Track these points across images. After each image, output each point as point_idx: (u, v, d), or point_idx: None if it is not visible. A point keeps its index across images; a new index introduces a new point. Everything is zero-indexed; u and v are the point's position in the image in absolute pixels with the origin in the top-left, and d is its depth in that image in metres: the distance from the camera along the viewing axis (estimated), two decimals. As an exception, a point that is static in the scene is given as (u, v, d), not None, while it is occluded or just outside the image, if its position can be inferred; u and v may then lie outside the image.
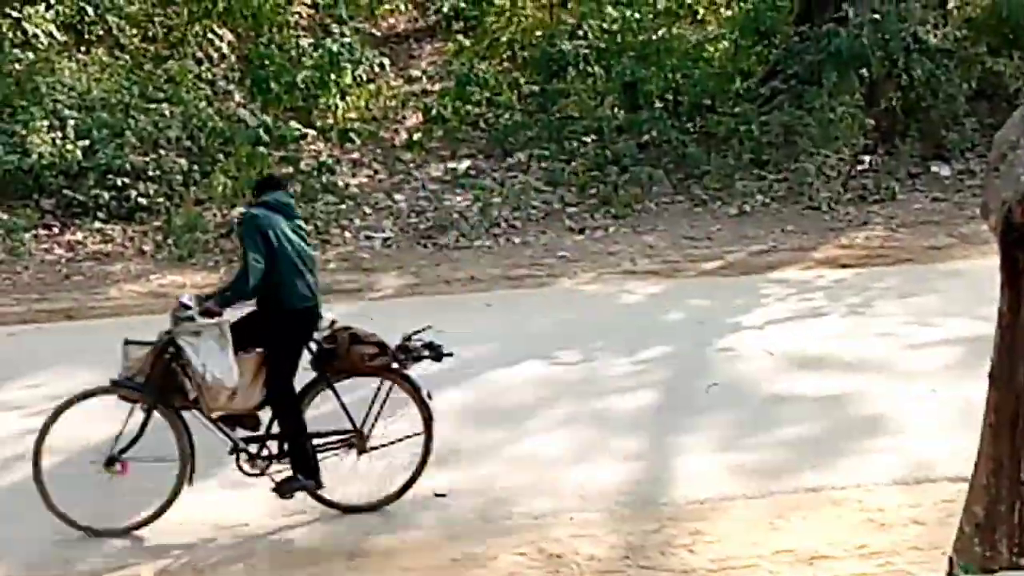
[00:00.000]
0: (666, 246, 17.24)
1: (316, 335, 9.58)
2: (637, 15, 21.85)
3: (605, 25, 21.90)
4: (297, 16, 22.36)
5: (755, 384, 12.26)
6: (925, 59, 20.25)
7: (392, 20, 23.95)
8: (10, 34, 19.05)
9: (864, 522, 9.45)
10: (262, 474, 9.52)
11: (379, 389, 9.69)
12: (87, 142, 17.54)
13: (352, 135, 19.91)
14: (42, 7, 19.79)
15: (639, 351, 12.97)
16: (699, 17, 23.38)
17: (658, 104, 20.70)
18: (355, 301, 14.94)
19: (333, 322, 9.73)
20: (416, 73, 22.25)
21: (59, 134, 17.52)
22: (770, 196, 18.95)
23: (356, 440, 9.70)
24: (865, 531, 9.30)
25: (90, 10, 20.46)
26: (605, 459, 10.65)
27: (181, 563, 8.99)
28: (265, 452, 9.53)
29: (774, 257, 16.74)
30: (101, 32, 20.72)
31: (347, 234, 17.40)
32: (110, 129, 18.01)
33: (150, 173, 17.63)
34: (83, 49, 20.35)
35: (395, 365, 9.63)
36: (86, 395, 9.45)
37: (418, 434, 9.70)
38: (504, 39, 22.46)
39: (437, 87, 21.66)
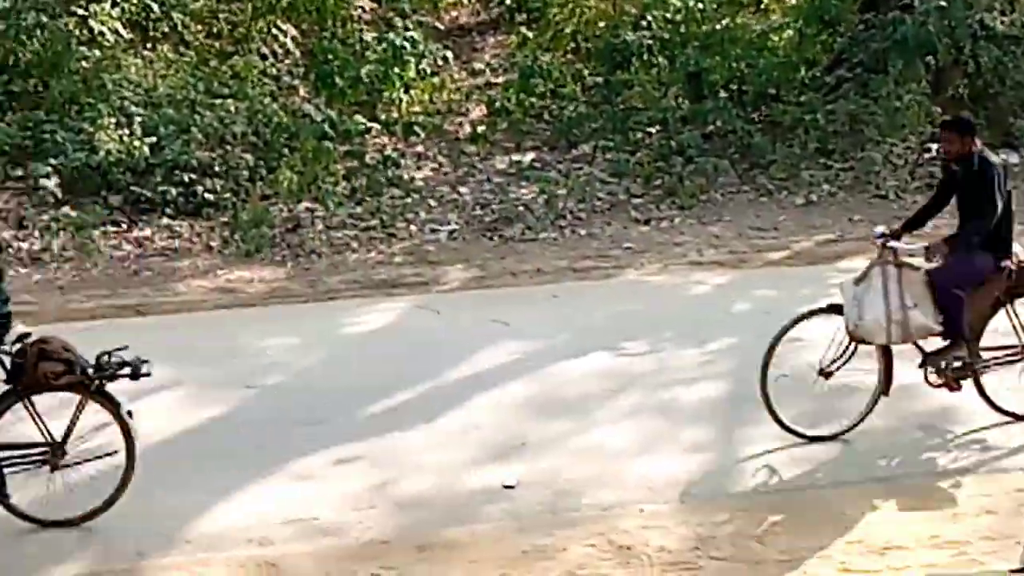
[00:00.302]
0: (732, 236, 17.18)
1: (5, 347, 9.30)
2: (701, 5, 21.79)
3: (669, 15, 21.84)
4: (360, 10, 22.39)
5: (823, 374, 12.20)
6: (992, 46, 20.10)
7: (455, 13, 23.95)
8: (77, 32, 19.15)
9: (936, 512, 9.39)
10: None
11: (77, 406, 9.41)
12: (154, 139, 17.63)
13: (416, 128, 19.92)
14: (108, 5, 19.88)
15: (705, 342, 12.93)
16: (763, 6, 23.26)
17: (723, 94, 20.61)
18: (421, 294, 14.97)
19: (22, 336, 9.36)
20: (480, 66, 22.25)
21: (126, 131, 17.62)
22: (836, 185, 18.87)
23: (50, 455, 9.36)
24: (937, 521, 9.24)
25: (155, 7, 20.56)
26: (673, 450, 10.64)
27: (250, 555, 9.02)
28: None
29: (841, 247, 16.65)
30: (166, 29, 20.80)
31: (412, 227, 17.41)
32: (176, 125, 18.10)
33: (216, 169, 17.72)
34: (149, 46, 20.44)
35: (87, 382, 9.29)
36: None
37: (115, 452, 9.41)
38: (567, 30, 22.41)
39: (501, 79, 21.66)
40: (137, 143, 17.39)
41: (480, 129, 20.23)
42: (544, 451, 10.60)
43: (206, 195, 17.29)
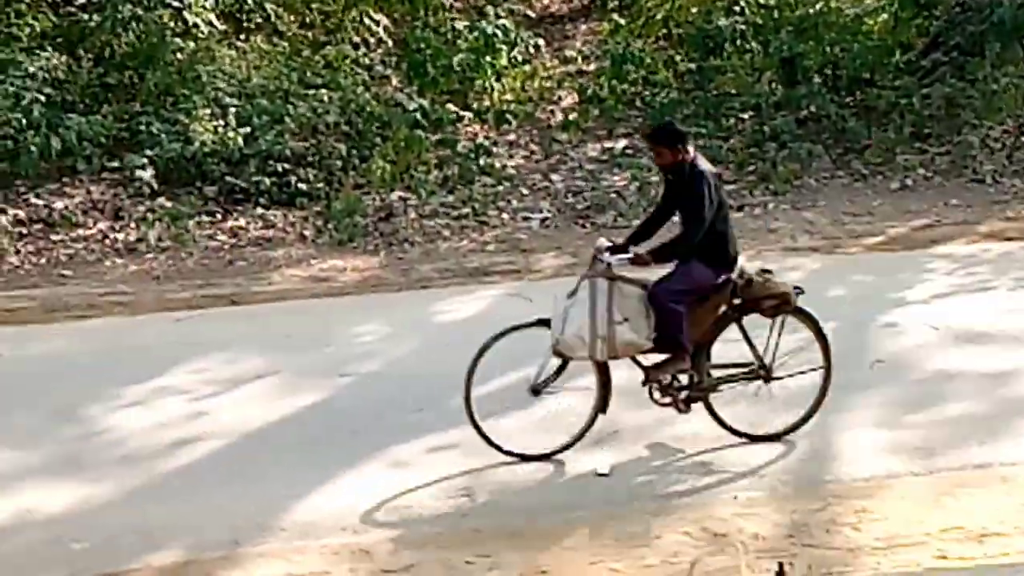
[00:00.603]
0: (826, 222, 17.05)
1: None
2: (794, -11, 21.64)
3: (762, 0, 21.69)
4: (452, -1, 22.46)
5: (920, 360, 12.10)
6: (1091, 25, 19.83)
7: (546, 1, 23.94)
8: (172, 24, 19.31)
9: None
10: None
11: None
12: (248, 129, 17.76)
13: (508, 117, 19.92)
14: (202, -4, 20.09)
15: (799, 329, 12.81)
16: (857, -10, 23.07)
17: (816, 79, 20.46)
18: (513, 282, 14.96)
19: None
20: (571, 53, 22.20)
21: (221, 122, 17.77)
22: (932, 170, 18.67)
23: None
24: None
25: (249, -1, 20.76)
26: (766, 437, 10.58)
27: (345, 543, 9.06)
28: None
29: (937, 231, 16.48)
30: (259, 20, 20.94)
31: (504, 215, 17.42)
32: (270, 116, 18.21)
33: (309, 159, 17.82)
34: (242, 37, 20.59)
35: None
36: None
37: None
38: (659, 17, 22.32)
39: (592, 67, 21.60)
40: (231, 134, 17.54)
41: (572, 117, 20.20)
42: (637, 438, 10.57)
43: (299, 185, 17.38)
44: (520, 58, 20.90)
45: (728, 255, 10.20)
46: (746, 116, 19.87)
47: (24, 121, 17.06)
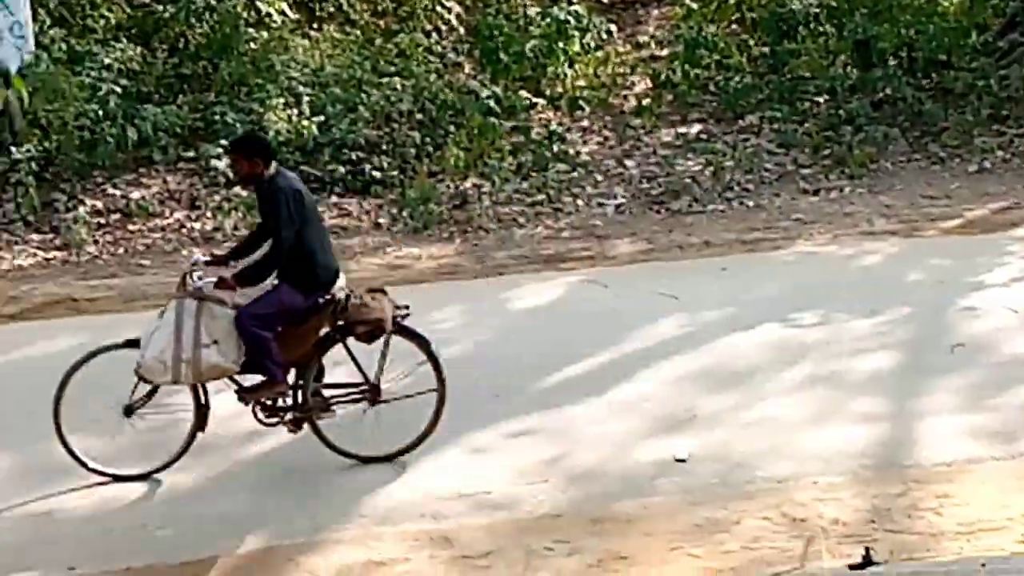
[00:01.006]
0: (903, 205, 16.92)
1: None
2: (868, -29, 21.47)
3: (835, -18, 21.56)
4: (524, -15, 22.43)
5: (999, 343, 12.02)
6: None
7: (618, -14, 23.89)
8: (245, 14, 19.40)
9: None
10: None
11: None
12: (321, 118, 17.82)
13: (581, 103, 19.88)
14: (275, -14, 20.19)
15: (878, 312, 12.78)
16: (932, -29, 22.87)
17: (892, 61, 20.31)
18: (589, 268, 14.95)
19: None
20: (644, 39, 22.13)
21: (294, 111, 17.83)
22: (1011, 151, 18.52)
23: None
24: None
25: (321, -13, 20.85)
26: (846, 422, 10.54)
27: (424, 529, 9.08)
28: None
29: (1016, 214, 16.34)
30: (332, 9, 21.01)
31: (579, 202, 17.39)
32: (343, 104, 18.27)
33: (383, 147, 17.86)
34: (315, 26, 20.65)
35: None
36: None
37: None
38: (732, 1, 22.19)
39: (665, 52, 21.51)
40: (305, 123, 17.59)
41: (645, 102, 20.14)
42: (715, 424, 10.57)
43: (374, 173, 17.43)
44: (593, 44, 20.86)
45: (317, 277, 9.82)
46: (821, 100, 19.72)
47: (101, 112, 17.20)
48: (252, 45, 19.11)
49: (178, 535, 9.07)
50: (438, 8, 21.19)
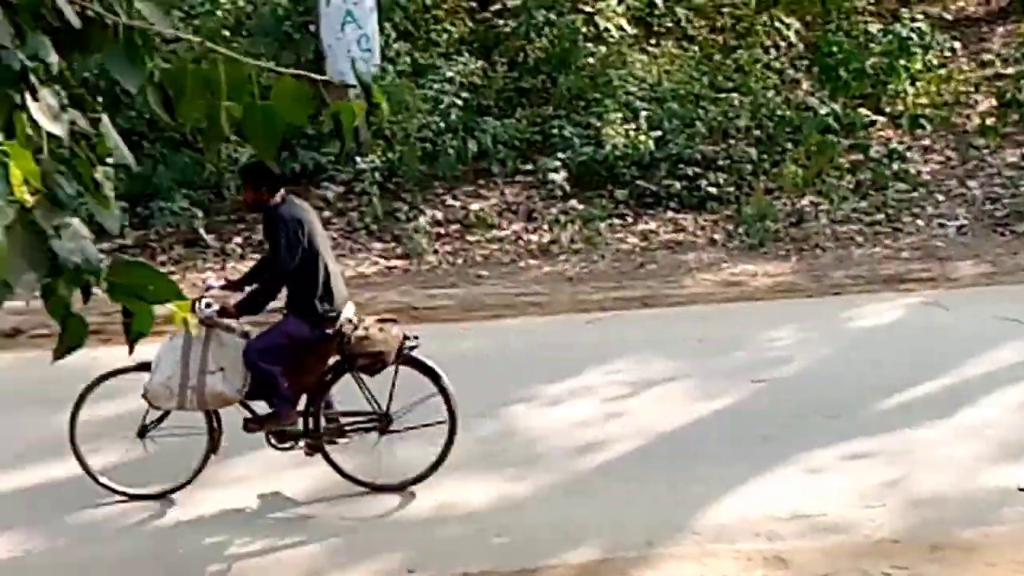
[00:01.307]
0: None
1: None
2: None
3: None
4: (865, 1, 22.12)
5: None
6: None
7: (962, 3, 23.37)
8: (583, 29, 19.61)
9: None
10: None
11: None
12: (659, 132, 17.88)
13: (922, 121, 19.50)
14: (614, 2, 20.35)
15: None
16: None
17: None
18: (930, 290, 14.62)
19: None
20: (988, 56, 21.60)
21: (632, 126, 17.93)
22: None
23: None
24: None
25: (659, 2, 20.92)
26: None
27: (759, 549, 8.98)
28: None
29: None
30: (670, 24, 21.10)
31: (919, 222, 17.05)
32: (680, 120, 18.30)
33: (720, 162, 17.83)
34: (653, 42, 20.76)
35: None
36: None
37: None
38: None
39: (1011, 70, 20.94)
40: (642, 137, 17.68)
41: (989, 121, 19.63)
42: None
43: (710, 188, 17.41)
44: (935, 61, 20.45)
45: (324, 308, 9.67)
46: None
47: (442, 124, 17.60)
48: (590, 60, 19.33)
49: (514, 543, 9.14)
50: (777, 24, 21.07)
